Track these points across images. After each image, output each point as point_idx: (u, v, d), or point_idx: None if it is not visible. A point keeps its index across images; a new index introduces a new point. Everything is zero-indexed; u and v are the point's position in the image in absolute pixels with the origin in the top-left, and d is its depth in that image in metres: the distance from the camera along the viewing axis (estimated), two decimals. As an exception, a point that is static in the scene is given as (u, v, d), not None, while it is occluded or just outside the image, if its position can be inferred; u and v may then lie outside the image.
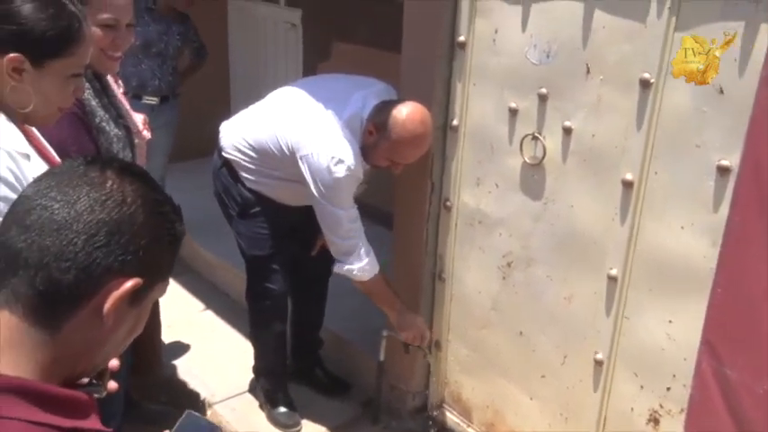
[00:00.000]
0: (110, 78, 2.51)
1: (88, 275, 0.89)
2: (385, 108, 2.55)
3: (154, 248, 0.93)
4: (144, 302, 0.97)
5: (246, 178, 2.80)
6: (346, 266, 2.66)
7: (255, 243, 2.88)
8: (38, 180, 0.95)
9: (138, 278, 0.92)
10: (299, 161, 2.57)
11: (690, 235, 1.97)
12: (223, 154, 2.83)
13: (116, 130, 2.00)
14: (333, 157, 2.50)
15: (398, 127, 2.48)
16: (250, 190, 2.81)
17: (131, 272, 0.91)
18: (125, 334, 0.98)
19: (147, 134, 2.61)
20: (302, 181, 2.59)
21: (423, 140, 2.52)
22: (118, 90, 2.54)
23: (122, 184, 0.93)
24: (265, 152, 2.70)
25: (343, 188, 2.55)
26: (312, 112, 2.61)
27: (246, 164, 2.77)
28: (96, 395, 1.10)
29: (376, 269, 2.69)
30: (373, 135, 2.54)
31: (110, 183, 0.92)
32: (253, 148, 2.74)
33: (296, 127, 2.60)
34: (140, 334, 1.18)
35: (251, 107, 2.86)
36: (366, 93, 2.62)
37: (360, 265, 2.65)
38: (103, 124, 1.96)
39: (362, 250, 2.64)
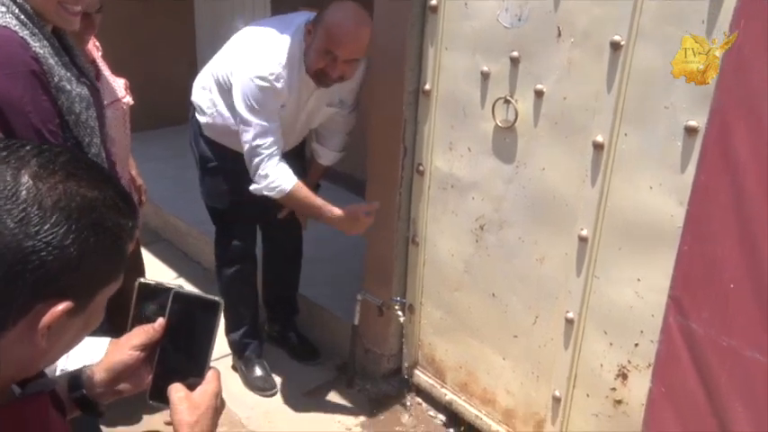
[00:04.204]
0: (92, 43, 2.47)
1: (6, 308, 0.81)
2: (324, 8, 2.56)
3: (87, 262, 0.84)
4: (89, 307, 0.89)
5: (206, 125, 2.83)
6: (261, 185, 2.59)
7: (214, 196, 2.94)
8: None
9: (69, 301, 0.83)
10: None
11: (658, 195, 2.02)
12: (192, 99, 2.90)
13: (78, 89, 1.95)
14: (254, 71, 2.51)
15: (330, 11, 2.48)
16: (209, 141, 2.84)
17: (62, 292, 0.83)
18: (72, 339, 0.91)
19: (129, 99, 2.58)
20: None
21: (353, 24, 2.47)
22: (97, 53, 2.50)
23: (39, 193, 0.81)
24: (218, 94, 2.73)
25: (259, 98, 2.52)
26: (250, 40, 2.64)
27: (207, 110, 2.81)
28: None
29: (291, 181, 2.58)
30: (311, 33, 2.54)
31: (24, 192, 0.80)
32: (209, 92, 2.78)
33: (233, 58, 2.65)
34: (124, 299, 1.18)
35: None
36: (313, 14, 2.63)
37: (270, 181, 2.57)
38: (63, 83, 1.90)
39: (271, 166, 2.56)
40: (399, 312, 2.94)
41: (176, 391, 1.08)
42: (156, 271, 3.83)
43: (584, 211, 2.23)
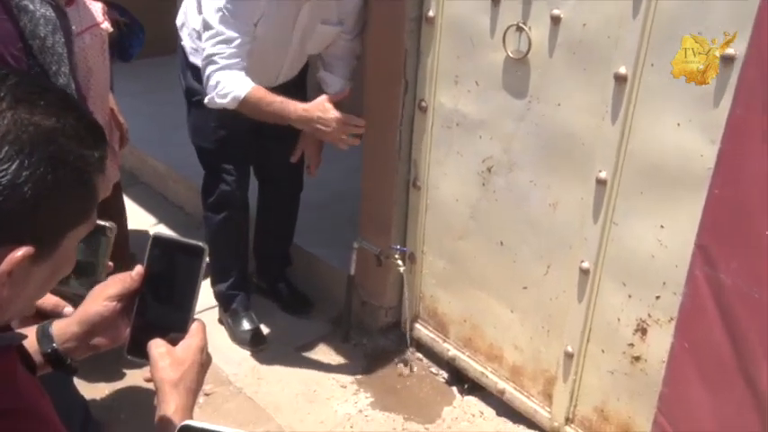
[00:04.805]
0: None
1: None
2: None
3: (47, 202, 0.80)
4: (56, 253, 0.86)
5: (191, 51, 2.77)
6: (211, 94, 2.54)
7: (201, 133, 2.88)
8: None
9: (29, 246, 0.80)
10: None
11: (687, 132, 1.96)
12: (176, 22, 2.84)
13: (42, 10, 1.86)
14: None
15: None
16: (196, 70, 2.75)
17: (20, 237, 0.80)
18: (39, 287, 0.89)
19: (107, 25, 2.50)
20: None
21: None
22: None
23: None
24: (198, 15, 2.66)
25: (230, 4, 2.45)
26: None
27: (190, 35, 2.75)
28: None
29: (245, 86, 2.51)
30: None
31: None
32: (191, 14, 2.72)
33: None
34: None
35: None
36: None
37: (221, 88, 2.51)
38: (26, 2, 1.81)
39: (224, 74, 2.50)
40: (399, 262, 2.91)
41: (157, 345, 1.06)
42: (134, 217, 3.77)
43: (602, 151, 2.17)
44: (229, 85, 2.49)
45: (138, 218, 3.80)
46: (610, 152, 2.15)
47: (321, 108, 2.55)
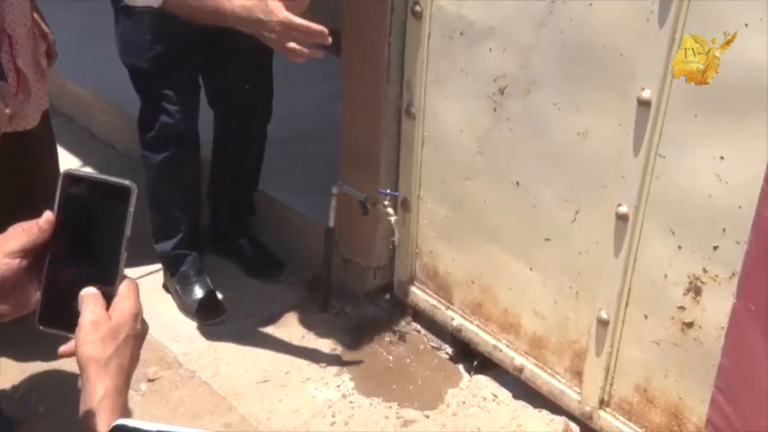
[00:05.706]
0: None
1: None
2: None
3: None
4: None
5: None
6: None
7: (132, 49, 2.83)
8: None
9: None
10: None
11: (757, 36, 1.92)
12: None
13: None
14: None
15: None
16: None
17: None
18: None
19: None
20: None
21: None
22: None
23: None
24: None
25: None
26: None
27: None
28: None
29: None
30: None
31: None
32: None
33: None
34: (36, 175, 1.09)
35: None
36: None
37: None
38: None
39: None
40: (390, 210, 2.93)
41: (90, 308, 1.05)
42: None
43: (646, 63, 2.15)
44: None
45: (60, 160, 3.74)
46: (656, 64, 2.13)
47: (264, 8, 2.38)
